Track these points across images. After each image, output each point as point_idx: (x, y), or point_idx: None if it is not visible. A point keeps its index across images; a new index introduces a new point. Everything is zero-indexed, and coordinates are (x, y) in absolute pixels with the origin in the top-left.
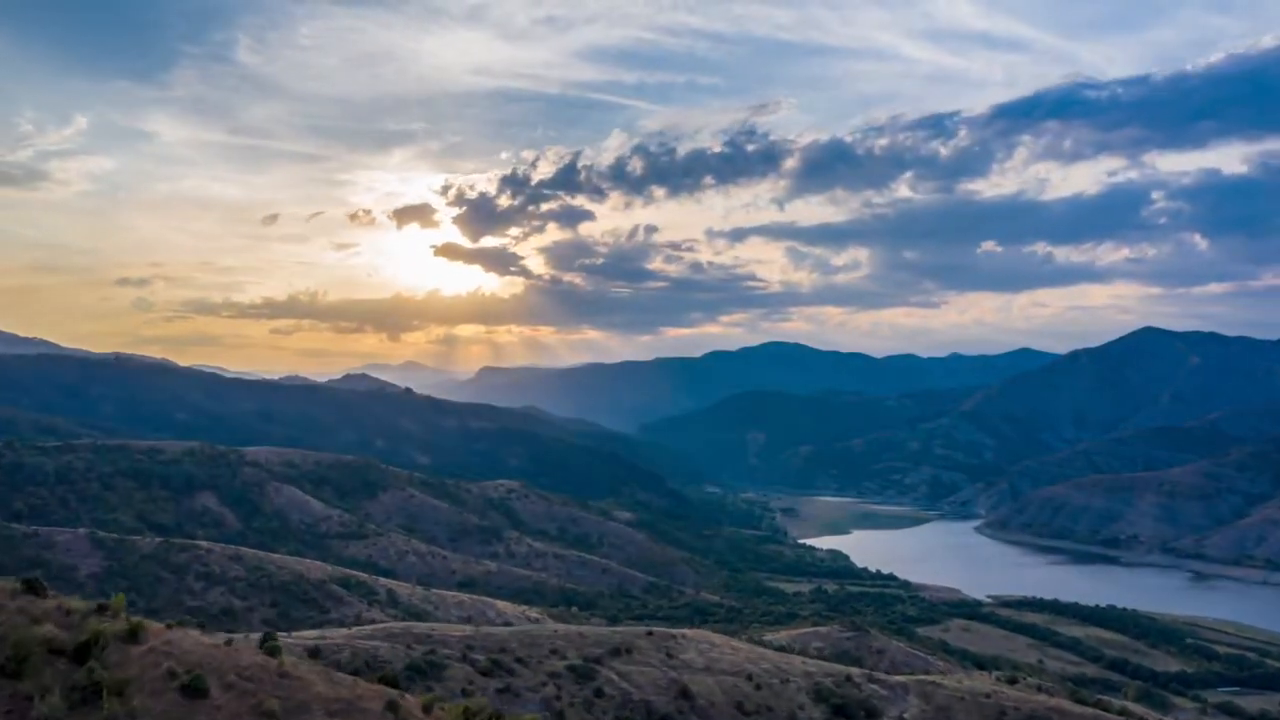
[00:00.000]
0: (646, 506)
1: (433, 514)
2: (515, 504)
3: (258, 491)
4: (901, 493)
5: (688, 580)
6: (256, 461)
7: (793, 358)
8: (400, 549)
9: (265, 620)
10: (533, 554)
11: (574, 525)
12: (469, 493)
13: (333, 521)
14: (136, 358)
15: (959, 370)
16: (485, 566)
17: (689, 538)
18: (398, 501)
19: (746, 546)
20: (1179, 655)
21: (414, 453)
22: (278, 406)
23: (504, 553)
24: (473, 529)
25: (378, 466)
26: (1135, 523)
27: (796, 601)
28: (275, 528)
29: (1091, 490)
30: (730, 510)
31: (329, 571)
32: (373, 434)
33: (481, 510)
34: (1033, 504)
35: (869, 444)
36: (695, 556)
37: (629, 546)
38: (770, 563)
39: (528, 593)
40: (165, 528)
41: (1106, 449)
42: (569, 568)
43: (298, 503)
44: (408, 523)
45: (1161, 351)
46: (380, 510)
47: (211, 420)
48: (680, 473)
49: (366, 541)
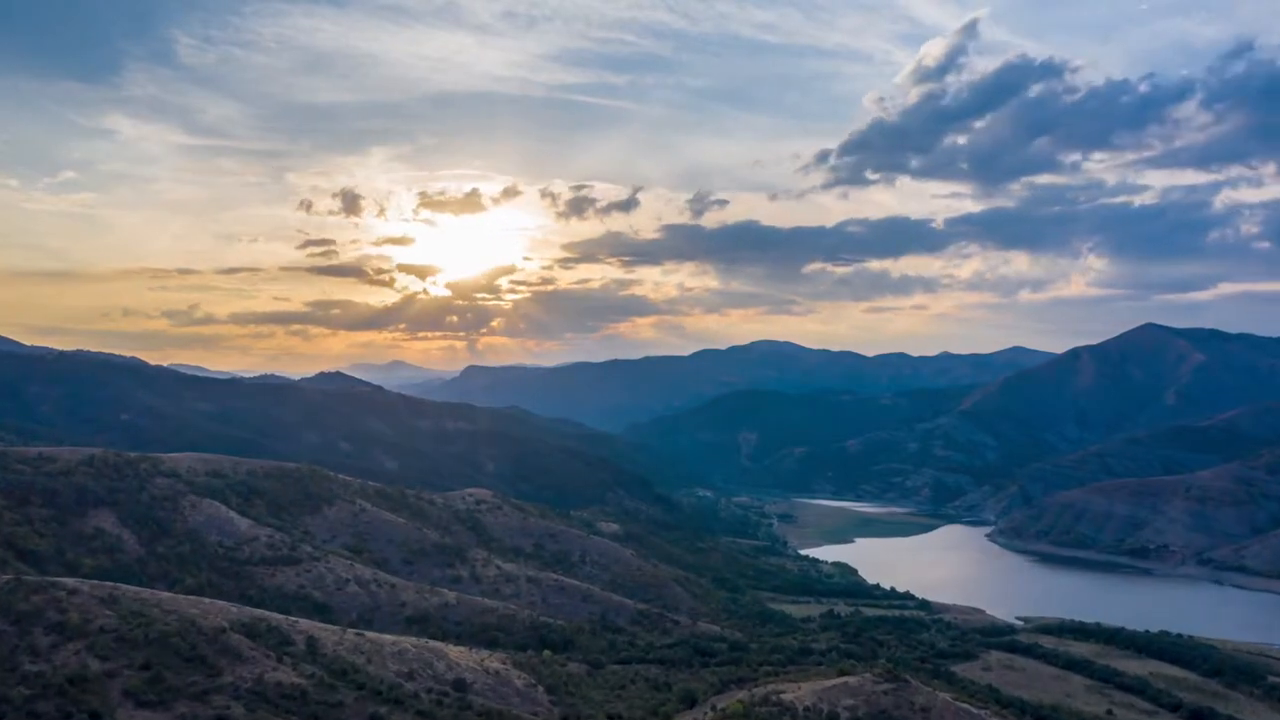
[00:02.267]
0: (634, 516)
1: (386, 531)
2: (485, 517)
3: (170, 508)
4: (903, 496)
5: (682, 604)
6: (174, 471)
7: (783, 355)
8: (340, 576)
9: (128, 691)
10: (502, 578)
11: (552, 541)
12: (432, 504)
13: (259, 544)
14: (85, 354)
15: (951, 369)
16: (443, 596)
17: (682, 551)
18: (345, 516)
19: (745, 560)
20: (1265, 699)
21: (382, 456)
22: (236, 407)
23: (468, 577)
24: (432, 548)
25: (324, 475)
26: (1164, 531)
27: (807, 630)
28: (185, 553)
29: (1113, 495)
30: (724, 517)
31: (233, 615)
32: (338, 436)
33: (446, 525)
34: (1050, 510)
35: (865, 444)
36: (689, 575)
37: (615, 565)
38: (772, 579)
39: (492, 629)
40: (37, 556)
41: (1121, 451)
42: (544, 594)
43: (219, 521)
44: (355, 542)
45: (1163, 349)
46: (323, 527)
47: (158, 421)
48: (670, 476)
49: (299, 568)
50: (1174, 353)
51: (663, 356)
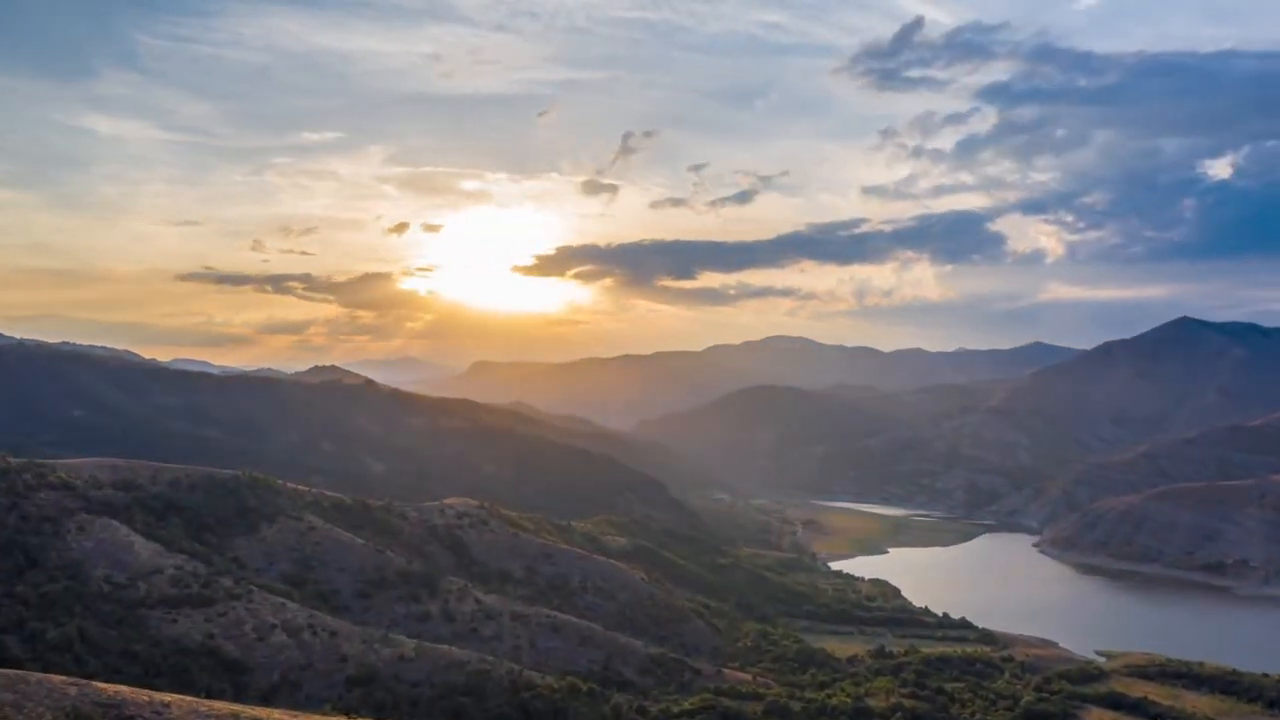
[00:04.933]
0: (645, 526)
1: (339, 555)
2: (468, 534)
3: (49, 531)
4: (933, 499)
5: (703, 642)
6: (68, 482)
7: (797, 351)
8: (265, 621)
9: None
10: (481, 615)
11: (548, 563)
12: (404, 519)
13: (161, 578)
14: (46, 345)
15: (970, 364)
16: (398, 645)
17: (700, 570)
18: (288, 537)
19: (772, 579)
20: None
21: (367, 457)
22: (209, 402)
23: (438, 614)
24: (396, 577)
25: (267, 485)
26: (1240, 543)
27: (858, 676)
28: (57, 593)
29: (1178, 502)
30: (743, 525)
31: (68, 702)
32: (320, 435)
33: (419, 545)
34: (1106, 518)
35: (889, 443)
36: (710, 602)
37: (622, 593)
38: (805, 603)
39: (458, 694)
40: None
41: (1173, 452)
42: (533, 636)
43: (112, 548)
44: (297, 570)
45: (1200, 343)
46: (258, 552)
47: (113, 418)
48: (683, 476)
49: (211, 610)
50: (1212, 348)
51: (674, 351)
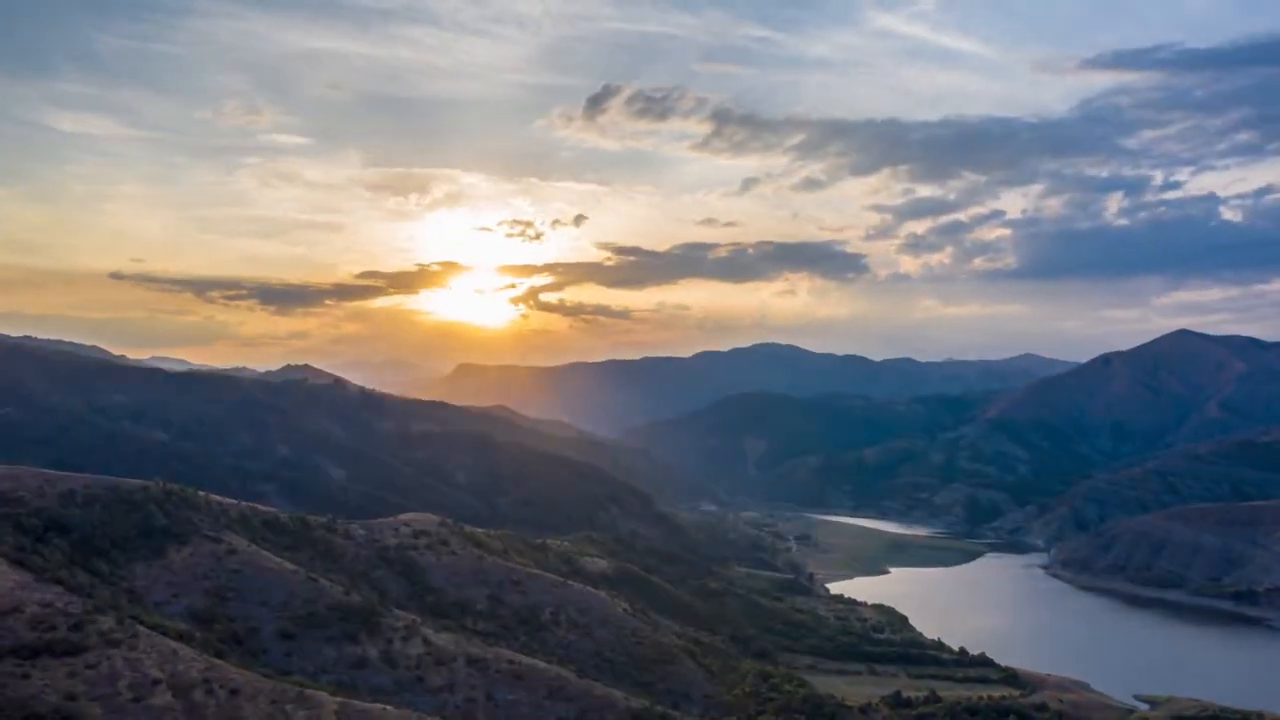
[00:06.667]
0: (629, 545)
1: (263, 584)
2: (424, 556)
3: None
4: (932, 515)
5: (694, 687)
6: None
7: (786, 359)
8: (148, 675)
9: None
10: (430, 659)
11: (516, 591)
12: (349, 539)
13: (20, 618)
14: None
15: (960, 374)
16: (315, 708)
17: (690, 596)
18: (203, 562)
19: (767, 606)
20: None
21: (328, 464)
22: (160, 401)
23: (377, 658)
24: (329, 611)
25: (183, 498)
26: (1271, 569)
27: None
28: None
29: (1199, 524)
30: (734, 540)
31: None
32: (276, 438)
33: (364, 570)
34: (1121, 539)
35: (884, 455)
36: (701, 636)
37: (601, 628)
38: (807, 635)
39: None
40: None
41: (1183, 469)
42: (491, 686)
43: None
44: (209, 604)
45: (1200, 357)
46: (162, 582)
47: (42, 417)
48: (670, 486)
49: (79, 661)
50: (1212, 361)
51: (662, 357)
